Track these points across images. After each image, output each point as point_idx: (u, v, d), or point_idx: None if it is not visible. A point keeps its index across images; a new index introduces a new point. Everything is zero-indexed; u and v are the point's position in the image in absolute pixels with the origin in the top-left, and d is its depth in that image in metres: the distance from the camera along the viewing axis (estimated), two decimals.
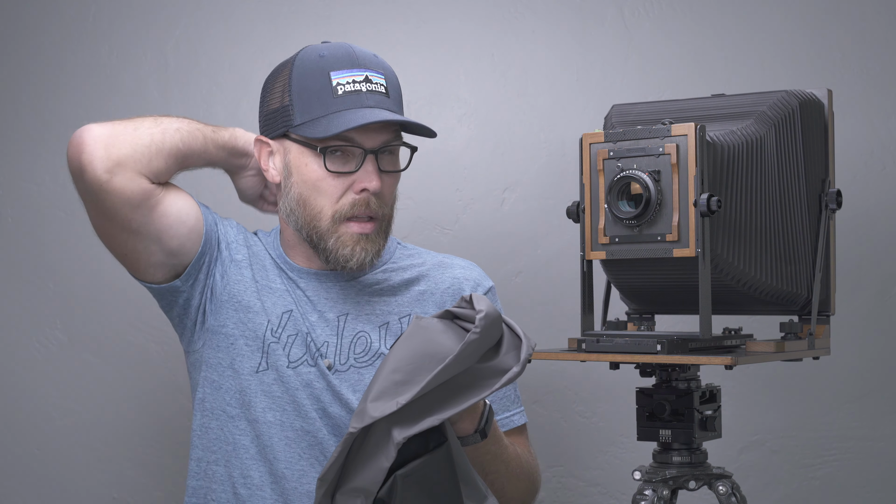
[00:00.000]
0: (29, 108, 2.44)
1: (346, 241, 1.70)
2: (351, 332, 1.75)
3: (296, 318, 1.74)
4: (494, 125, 2.34)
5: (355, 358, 1.75)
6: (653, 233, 1.49)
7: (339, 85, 1.69)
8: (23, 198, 2.43)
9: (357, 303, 1.77)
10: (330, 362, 1.73)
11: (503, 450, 1.69)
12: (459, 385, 1.45)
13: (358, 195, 1.70)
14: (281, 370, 1.72)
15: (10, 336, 2.41)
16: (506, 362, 1.47)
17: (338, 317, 1.76)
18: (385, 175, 1.72)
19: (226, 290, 1.76)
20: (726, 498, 1.58)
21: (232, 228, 1.81)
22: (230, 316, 1.75)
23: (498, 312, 1.47)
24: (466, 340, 1.42)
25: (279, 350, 1.73)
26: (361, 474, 1.44)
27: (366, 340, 1.75)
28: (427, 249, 1.90)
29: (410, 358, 1.45)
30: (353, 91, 1.69)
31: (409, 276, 1.82)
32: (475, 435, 1.59)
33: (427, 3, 2.36)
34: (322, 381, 1.73)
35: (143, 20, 2.42)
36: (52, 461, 2.38)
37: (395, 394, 1.42)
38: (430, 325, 1.48)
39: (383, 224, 1.74)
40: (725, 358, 1.44)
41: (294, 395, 1.72)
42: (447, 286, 1.83)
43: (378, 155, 1.71)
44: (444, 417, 1.44)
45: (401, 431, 1.42)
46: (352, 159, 1.70)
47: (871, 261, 2.21)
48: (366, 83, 1.70)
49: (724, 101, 1.65)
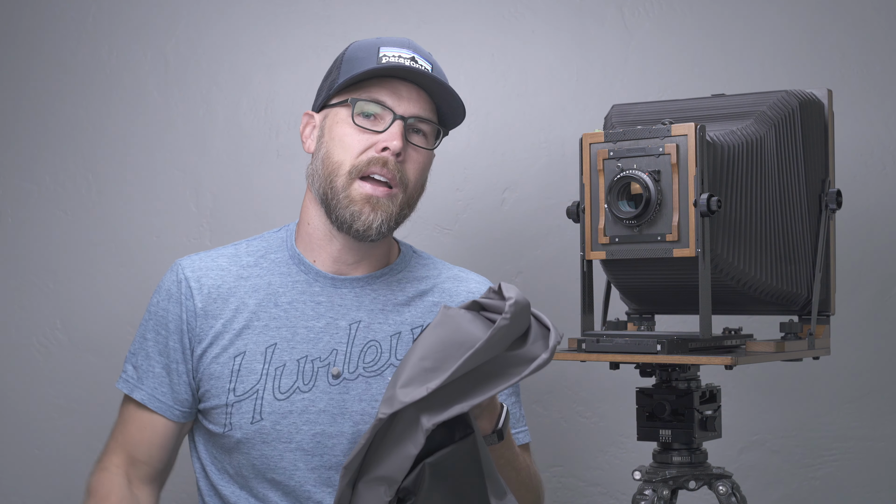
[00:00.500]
0: (29, 108, 2.44)
1: (355, 199, 1.69)
2: (362, 341, 1.74)
3: (281, 349, 1.73)
4: (494, 125, 2.34)
5: (364, 367, 1.73)
6: (653, 233, 1.49)
7: (384, 56, 1.70)
8: (23, 198, 2.43)
9: (371, 311, 1.75)
10: (338, 370, 1.72)
11: (515, 457, 1.68)
12: (487, 373, 1.44)
13: (378, 154, 1.69)
14: (246, 428, 1.71)
15: (10, 336, 2.41)
16: (533, 351, 1.45)
17: (350, 324, 1.74)
18: (412, 148, 1.72)
19: (200, 371, 1.75)
20: (726, 498, 1.58)
21: (200, 301, 1.77)
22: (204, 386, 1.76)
23: (527, 300, 1.46)
24: (497, 326, 1.41)
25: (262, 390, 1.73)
26: (386, 462, 1.43)
27: (376, 350, 1.74)
28: (442, 260, 1.89)
29: (439, 345, 1.44)
30: (396, 61, 1.69)
31: (423, 287, 1.81)
32: (492, 435, 1.58)
33: (427, 3, 2.36)
34: (324, 400, 1.72)
35: (143, 20, 2.42)
36: (52, 461, 2.38)
37: (424, 380, 1.41)
38: (457, 315, 1.47)
39: (401, 197, 1.71)
40: (725, 358, 1.44)
41: (290, 432, 1.71)
42: (462, 298, 1.81)
43: (408, 127, 1.71)
44: (474, 404, 1.43)
45: (430, 418, 1.41)
46: (381, 122, 1.70)
47: (871, 261, 2.21)
48: (411, 61, 1.71)
49: (724, 101, 1.65)
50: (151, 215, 2.39)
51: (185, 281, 1.76)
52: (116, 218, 2.40)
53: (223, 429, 1.71)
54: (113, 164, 2.40)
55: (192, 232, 2.38)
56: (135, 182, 2.40)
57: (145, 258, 2.38)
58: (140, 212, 2.39)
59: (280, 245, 1.79)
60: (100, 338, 2.39)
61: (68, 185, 2.42)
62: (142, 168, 2.40)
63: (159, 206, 2.39)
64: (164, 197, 2.39)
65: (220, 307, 1.74)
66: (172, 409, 1.75)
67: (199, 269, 1.77)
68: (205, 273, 1.76)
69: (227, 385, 1.71)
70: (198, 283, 1.75)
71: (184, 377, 1.75)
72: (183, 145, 2.39)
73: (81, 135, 2.42)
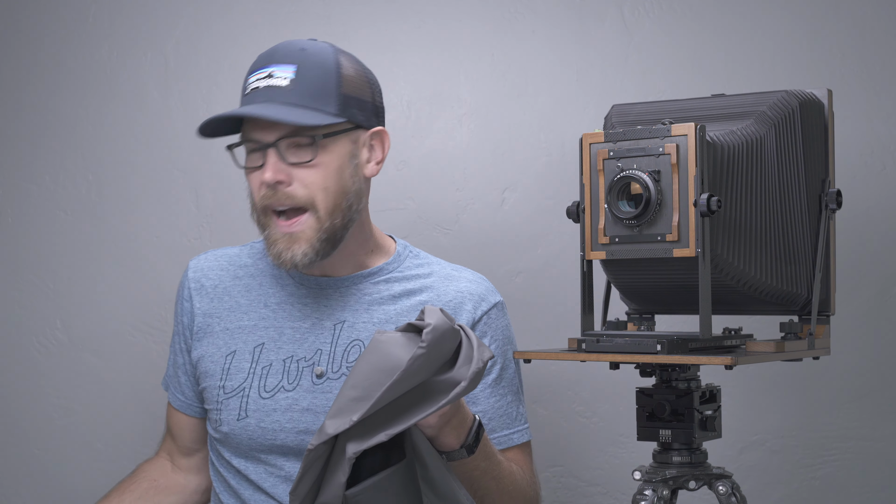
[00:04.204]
0: (29, 108, 2.44)
1: (274, 238, 1.71)
2: (346, 341, 1.76)
3: (268, 348, 1.77)
4: (494, 125, 2.34)
5: (348, 366, 1.74)
6: (653, 233, 1.49)
7: (248, 86, 1.73)
8: (23, 198, 2.43)
9: (355, 311, 1.77)
10: (322, 370, 1.74)
11: (494, 466, 1.68)
12: (414, 399, 1.44)
13: (269, 189, 1.70)
14: (232, 424, 1.77)
15: (10, 336, 2.41)
16: (459, 375, 1.44)
17: (334, 325, 1.77)
18: (296, 168, 1.69)
19: (198, 369, 1.84)
20: (726, 498, 1.58)
21: (189, 301, 1.86)
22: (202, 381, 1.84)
23: (450, 325, 1.44)
24: (413, 356, 1.41)
25: (254, 382, 1.77)
26: (325, 490, 1.44)
27: (360, 349, 1.75)
28: (440, 259, 1.89)
29: (368, 373, 1.43)
30: (252, 90, 1.71)
31: (411, 287, 1.81)
32: (461, 450, 1.58)
33: (427, 3, 2.36)
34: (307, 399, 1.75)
35: (143, 20, 2.42)
36: (52, 461, 2.39)
37: (350, 411, 1.41)
38: (388, 340, 1.46)
39: (314, 217, 1.70)
40: (725, 358, 1.44)
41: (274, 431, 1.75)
42: (449, 299, 1.81)
43: (287, 148, 1.69)
44: (394, 433, 1.42)
45: (354, 446, 1.41)
46: (261, 156, 1.71)
47: (871, 261, 2.21)
48: (267, 79, 1.70)
49: (724, 101, 1.64)
50: (151, 215, 2.39)
51: (187, 282, 1.86)
52: (116, 218, 2.40)
53: (214, 424, 1.79)
54: (113, 164, 2.40)
55: (192, 232, 2.38)
56: (135, 182, 2.40)
57: (145, 258, 2.39)
58: (140, 212, 2.40)
59: (264, 253, 1.83)
60: (100, 338, 2.39)
61: (68, 185, 2.42)
62: (142, 168, 2.40)
63: (159, 206, 2.39)
64: (164, 197, 2.39)
65: (215, 306, 1.82)
66: (192, 406, 1.89)
67: (200, 269, 1.86)
68: (205, 274, 1.85)
69: (218, 382, 1.78)
70: (198, 284, 1.84)
71: (191, 377, 1.86)
72: (183, 145, 2.39)
73: (81, 135, 2.42)
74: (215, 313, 1.81)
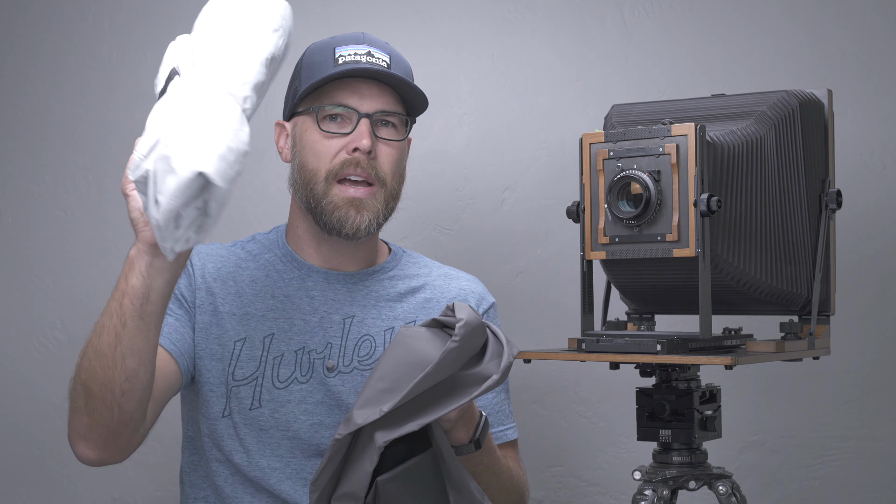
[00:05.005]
0: (29, 108, 2.44)
1: (338, 203, 1.71)
2: (356, 335, 1.76)
3: (279, 339, 1.75)
4: (494, 125, 2.34)
5: (359, 360, 1.75)
6: (653, 233, 1.49)
7: (340, 56, 1.72)
8: (23, 198, 2.43)
9: (364, 306, 1.78)
10: (333, 363, 1.74)
11: (495, 462, 1.70)
12: (442, 392, 1.47)
13: (350, 155, 1.70)
14: (244, 412, 1.72)
15: (10, 336, 2.41)
16: (488, 370, 1.48)
17: (343, 319, 1.77)
18: (382, 143, 1.73)
19: (199, 345, 1.75)
20: (726, 498, 1.58)
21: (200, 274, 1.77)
22: (203, 366, 1.75)
23: (480, 320, 1.48)
24: (446, 349, 1.44)
25: (268, 372, 1.74)
26: (349, 479, 1.47)
27: (370, 344, 1.76)
28: (432, 260, 1.91)
29: (395, 366, 1.47)
30: (353, 60, 1.71)
31: (415, 284, 1.83)
32: (469, 445, 1.60)
33: (427, 3, 2.36)
34: (321, 391, 1.74)
35: (143, 20, 2.42)
36: (52, 461, 2.38)
37: (379, 402, 1.45)
38: (415, 334, 1.50)
39: (383, 193, 1.73)
40: (725, 358, 1.44)
41: (287, 421, 1.73)
42: (454, 296, 1.84)
43: (375, 123, 1.72)
44: (425, 422, 1.45)
45: (383, 435, 1.44)
46: (348, 124, 1.72)
47: (871, 261, 2.21)
48: (367, 56, 1.72)
49: (724, 101, 1.64)
50: None
51: (191, 259, 1.78)
52: (116, 218, 2.40)
53: (222, 412, 1.74)
54: (113, 164, 2.40)
55: None
56: None
57: None
58: None
59: (272, 246, 1.82)
60: None
61: (68, 185, 2.42)
62: None
63: None
64: None
65: (220, 287, 1.77)
66: (179, 347, 1.72)
67: (201, 252, 1.80)
68: (207, 258, 1.80)
69: (226, 368, 1.74)
70: (200, 262, 1.79)
71: (188, 330, 1.74)
72: None
73: (81, 135, 2.42)
74: (219, 293, 1.77)
